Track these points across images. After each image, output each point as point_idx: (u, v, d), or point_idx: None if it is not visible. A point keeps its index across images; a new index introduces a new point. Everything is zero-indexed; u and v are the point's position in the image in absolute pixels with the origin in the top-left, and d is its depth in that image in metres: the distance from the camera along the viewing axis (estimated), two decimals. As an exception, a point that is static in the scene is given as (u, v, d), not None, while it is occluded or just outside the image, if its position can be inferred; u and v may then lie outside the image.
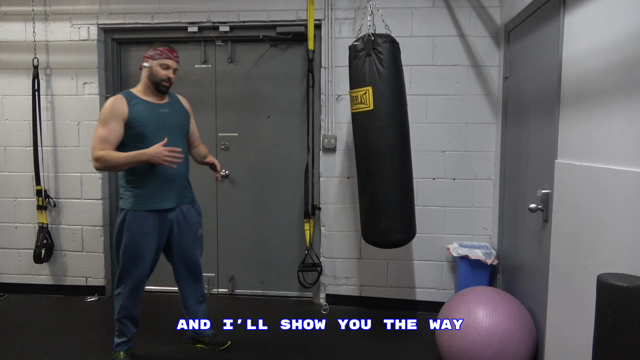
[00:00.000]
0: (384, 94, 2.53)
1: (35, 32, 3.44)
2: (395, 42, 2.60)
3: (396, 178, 2.59)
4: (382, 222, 2.59)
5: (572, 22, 1.99)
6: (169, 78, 2.43)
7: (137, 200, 2.39)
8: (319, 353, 2.73)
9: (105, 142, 2.28)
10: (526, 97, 2.60)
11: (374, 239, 2.66)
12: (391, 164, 2.57)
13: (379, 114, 2.54)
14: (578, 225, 1.87)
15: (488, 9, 3.15)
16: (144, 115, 2.37)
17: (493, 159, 3.23)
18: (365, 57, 2.54)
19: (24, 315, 3.23)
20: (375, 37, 2.54)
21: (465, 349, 2.24)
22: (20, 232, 3.61)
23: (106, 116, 2.30)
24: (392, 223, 2.59)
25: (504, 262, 2.97)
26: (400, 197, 2.60)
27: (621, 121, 1.59)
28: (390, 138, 2.57)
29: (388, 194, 2.57)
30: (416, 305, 3.36)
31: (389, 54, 2.54)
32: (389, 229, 2.60)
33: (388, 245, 2.68)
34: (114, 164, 2.28)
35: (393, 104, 2.57)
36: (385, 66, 2.53)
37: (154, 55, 2.41)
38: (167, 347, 2.78)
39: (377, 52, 2.53)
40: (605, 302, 1.14)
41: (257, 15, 3.32)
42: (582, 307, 1.82)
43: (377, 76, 2.52)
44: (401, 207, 2.60)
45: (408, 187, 2.65)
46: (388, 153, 2.57)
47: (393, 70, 2.56)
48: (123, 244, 2.42)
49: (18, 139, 3.55)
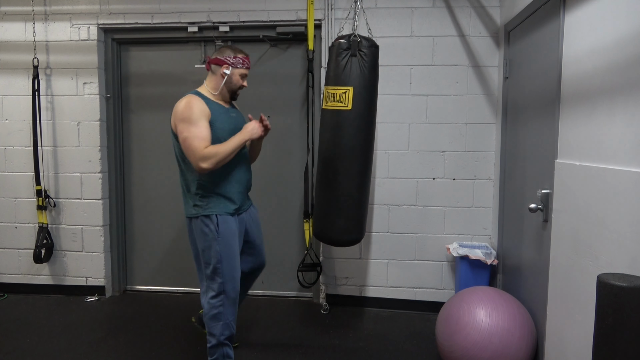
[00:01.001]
0: (362, 95, 2.57)
1: (35, 32, 3.44)
2: (377, 47, 2.64)
3: (360, 179, 2.64)
4: (341, 221, 2.63)
5: (572, 22, 1.99)
6: (244, 87, 2.39)
7: (222, 204, 2.28)
8: (319, 353, 2.73)
9: (204, 139, 2.14)
10: (526, 97, 2.60)
11: (332, 236, 2.69)
12: (358, 164, 2.62)
13: (356, 114, 2.58)
14: (578, 225, 1.87)
15: (488, 9, 3.15)
16: (222, 118, 2.29)
17: (493, 159, 3.23)
18: (350, 56, 2.57)
19: (24, 315, 3.23)
20: (361, 39, 2.56)
21: (465, 349, 2.24)
22: (20, 232, 3.61)
23: (195, 115, 2.16)
24: (351, 222, 2.65)
25: (504, 262, 2.97)
26: (361, 197, 2.66)
27: (621, 121, 1.59)
28: (361, 139, 2.61)
29: (352, 194, 2.62)
30: (416, 305, 3.36)
31: (372, 58, 2.59)
32: (348, 228, 2.65)
33: (344, 244, 2.74)
34: (224, 156, 2.16)
35: (369, 107, 2.62)
36: (367, 69, 2.57)
37: (235, 63, 2.31)
38: (167, 347, 2.78)
39: (362, 55, 2.56)
40: (605, 302, 1.14)
41: (257, 15, 3.32)
42: (582, 307, 1.82)
43: (360, 77, 2.55)
44: (360, 207, 2.67)
45: (367, 188, 2.72)
46: (358, 154, 2.61)
47: (373, 74, 2.62)
48: (217, 252, 2.24)
49: (18, 139, 3.55)
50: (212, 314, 2.27)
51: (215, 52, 2.38)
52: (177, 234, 3.65)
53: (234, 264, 2.30)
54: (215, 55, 2.34)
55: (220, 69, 2.32)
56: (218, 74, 2.33)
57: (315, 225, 2.76)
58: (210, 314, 2.28)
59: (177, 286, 3.70)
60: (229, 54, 2.32)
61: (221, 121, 2.27)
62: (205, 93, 2.33)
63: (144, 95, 3.61)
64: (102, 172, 3.51)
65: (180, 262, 3.66)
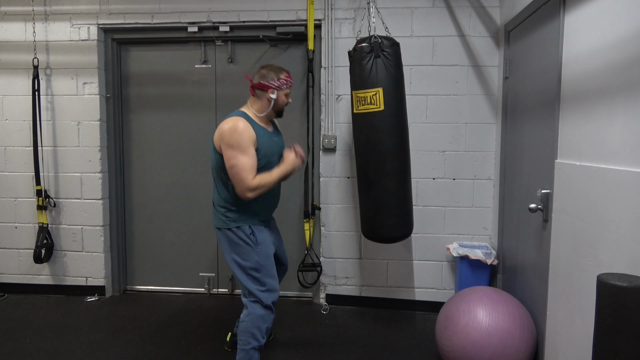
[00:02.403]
0: (392, 95, 2.63)
1: (35, 32, 3.44)
2: (398, 45, 2.69)
3: (401, 176, 2.72)
4: (390, 219, 2.72)
5: (572, 22, 1.99)
6: (289, 103, 2.40)
7: (256, 215, 2.32)
8: (319, 353, 2.73)
9: (252, 170, 2.17)
10: (526, 97, 2.60)
11: (385, 234, 2.76)
12: (398, 162, 2.70)
13: (389, 114, 2.63)
14: (578, 225, 1.87)
15: (488, 9, 3.15)
16: (267, 143, 2.29)
17: (493, 159, 3.23)
18: (374, 58, 2.59)
19: (24, 315, 3.23)
20: (382, 40, 2.60)
21: (465, 349, 2.24)
22: (20, 232, 3.61)
23: (245, 143, 2.15)
24: (399, 219, 2.73)
25: (504, 262, 2.97)
26: (406, 194, 2.75)
27: (621, 121, 1.59)
28: (398, 138, 2.69)
29: (395, 192, 2.69)
30: (416, 305, 3.36)
31: (396, 56, 2.65)
32: (397, 224, 2.74)
33: (394, 240, 2.80)
34: (269, 187, 2.23)
35: (400, 105, 2.69)
36: (393, 68, 2.62)
37: (280, 85, 2.30)
38: (167, 347, 2.78)
39: (385, 55, 2.60)
40: (605, 302, 1.14)
41: (257, 15, 3.32)
42: (582, 307, 1.82)
43: (387, 78, 2.60)
44: (405, 203, 2.75)
45: (409, 185, 2.80)
46: (396, 152, 2.68)
47: (399, 73, 2.68)
48: (255, 261, 2.27)
49: (18, 139, 3.55)
50: (259, 313, 2.28)
51: (257, 74, 2.32)
52: (177, 234, 3.65)
53: (273, 270, 2.35)
54: (259, 80, 2.29)
55: (265, 94, 2.29)
56: (264, 99, 2.30)
57: (365, 227, 2.83)
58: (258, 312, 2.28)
59: (177, 286, 3.70)
60: (273, 77, 2.29)
61: (266, 147, 2.27)
62: (251, 115, 2.30)
63: (144, 95, 3.61)
64: (102, 172, 3.51)
65: (180, 262, 3.67)
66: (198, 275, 3.67)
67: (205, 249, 3.65)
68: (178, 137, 3.59)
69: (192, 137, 3.56)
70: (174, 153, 3.60)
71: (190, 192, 3.61)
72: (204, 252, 3.65)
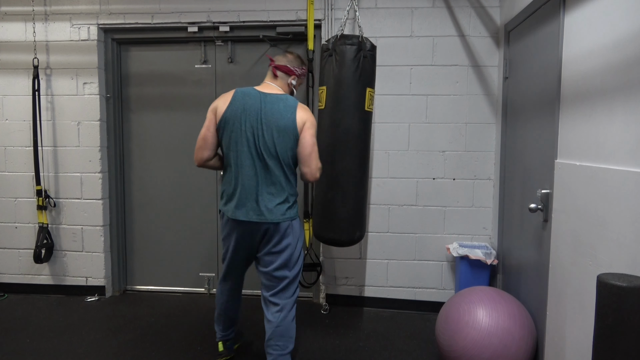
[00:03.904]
0: (334, 93, 2.64)
1: (35, 32, 3.44)
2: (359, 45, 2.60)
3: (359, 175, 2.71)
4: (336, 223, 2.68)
5: (572, 22, 1.99)
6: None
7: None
8: (319, 353, 2.73)
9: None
10: (526, 97, 2.60)
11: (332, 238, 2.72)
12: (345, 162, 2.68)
13: (329, 113, 2.67)
14: (578, 225, 1.87)
15: (488, 9, 3.15)
16: None
17: (493, 159, 3.23)
18: (327, 57, 2.67)
19: (24, 315, 3.24)
20: (338, 38, 2.62)
21: (465, 348, 2.24)
22: (20, 232, 3.61)
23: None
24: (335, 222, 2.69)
25: (504, 262, 2.97)
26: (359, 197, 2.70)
27: (621, 121, 1.59)
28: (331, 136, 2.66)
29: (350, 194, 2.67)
30: (416, 305, 3.36)
31: (343, 54, 2.59)
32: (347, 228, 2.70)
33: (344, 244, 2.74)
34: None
35: (339, 104, 2.64)
36: (338, 67, 2.60)
37: (301, 75, 2.34)
38: (167, 347, 2.78)
39: (335, 53, 2.62)
40: (605, 302, 1.14)
41: (257, 15, 3.32)
42: (582, 307, 1.82)
43: (333, 76, 2.63)
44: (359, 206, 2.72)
45: (362, 187, 2.74)
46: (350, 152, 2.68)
47: (344, 71, 2.60)
48: (302, 250, 2.35)
49: (18, 139, 3.55)
50: (294, 299, 2.31)
51: (283, 57, 2.31)
52: (177, 234, 3.65)
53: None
54: (286, 64, 2.29)
55: (288, 78, 2.30)
56: (285, 82, 2.30)
57: (316, 228, 2.78)
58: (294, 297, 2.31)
59: (177, 286, 3.70)
60: (299, 64, 2.32)
61: None
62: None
63: (144, 95, 3.61)
64: (102, 172, 3.51)
65: (180, 262, 3.67)
66: (198, 275, 3.67)
67: (205, 249, 3.65)
68: (178, 137, 3.59)
69: (192, 137, 3.56)
70: (174, 153, 3.60)
71: (190, 192, 3.61)
72: (204, 252, 3.66)
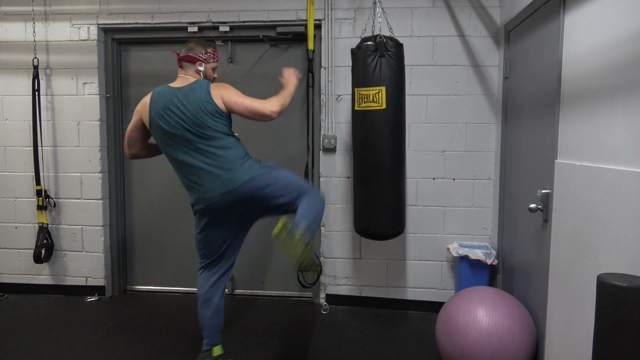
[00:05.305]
0: (394, 94, 2.67)
1: (35, 32, 3.44)
2: (402, 46, 2.73)
3: (397, 174, 2.75)
4: (384, 217, 2.76)
5: (572, 22, 1.99)
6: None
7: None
8: (319, 353, 2.73)
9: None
10: (526, 97, 2.60)
11: (378, 232, 2.79)
12: (395, 161, 2.74)
13: (390, 113, 2.68)
14: (578, 225, 1.87)
15: (488, 9, 3.15)
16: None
17: (493, 159, 3.23)
18: (378, 57, 2.64)
19: (24, 315, 3.23)
20: (386, 40, 2.64)
21: (465, 348, 2.24)
22: (20, 232, 3.61)
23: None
24: (391, 217, 2.77)
25: (504, 262, 2.97)
26: (399, 192, 2.78)
27: (621, 121, 1.59)
28: (397, 137, 2.73)
29: (390, 190, 2.73)
30: (416, 305, 3.36)
31: (399, 56, 2.70)
32: (390, 222, 2.77)
33: (386, 237, 2.84)
34: (289, 101, 2.41)
35: (401, 105, 2.74)
36: (396, 68, 2.67)
37: (207, 59, 2.38)
38: (167, 347, 2.78)
39: (389, 54, 2.65)
40: (605, 302, 1.14)
41: (257, 15, 3.32)
42: (582, 307, 1.82)
43: (391, 77, 2.65)
44: (399, 202, 2.79)
45: (403, 184, 2.84)
46: (393, 151, 2.72)
47: (401, 73, 2.72)
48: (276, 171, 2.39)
49: (18, 139, 3.55)
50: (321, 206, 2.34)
51: (184, 48, 2.38)
52: (177, 233, 3.65)
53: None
54: (186, 53, 2.36)
55: (193, 66, 2.36)
56: (193, 70, 2.37)
57: (359, 223, 2.87)
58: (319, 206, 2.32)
59: (177, 286, 3.70)
60: (200, 50, 2.36)
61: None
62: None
63: (144, 95, 3.59)
64: (102, 172, 3.51)
65: (180, 262, 3.67)
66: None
67: (205, 249, 3.64)
68: (178, 137, 3.58)
69: (192, 137, 3.56)
70: (174, 153, 3.60)
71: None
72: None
